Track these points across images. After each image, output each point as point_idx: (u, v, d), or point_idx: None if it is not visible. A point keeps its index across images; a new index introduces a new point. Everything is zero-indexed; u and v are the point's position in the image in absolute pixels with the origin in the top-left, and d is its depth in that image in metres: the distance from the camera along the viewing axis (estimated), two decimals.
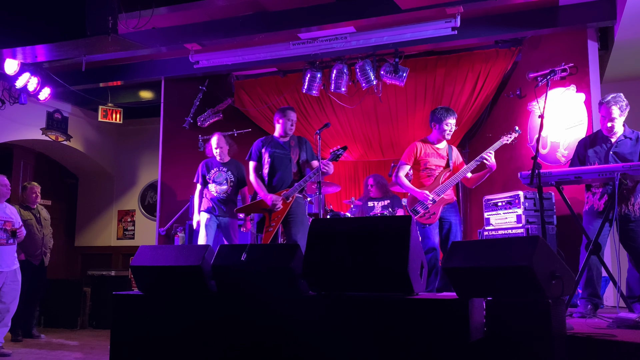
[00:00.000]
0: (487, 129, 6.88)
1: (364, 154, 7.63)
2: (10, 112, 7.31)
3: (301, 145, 5.00)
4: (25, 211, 6.31)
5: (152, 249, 3.59)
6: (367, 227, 3.09)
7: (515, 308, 2.63)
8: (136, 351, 3.43)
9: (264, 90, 7.41)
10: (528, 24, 5.83)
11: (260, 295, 3.19)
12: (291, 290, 3.13)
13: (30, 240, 6.14)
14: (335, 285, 3.03)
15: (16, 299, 5.61)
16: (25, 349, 5.79)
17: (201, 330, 3.27)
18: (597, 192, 4.13)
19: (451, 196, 4.76)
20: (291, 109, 5.06)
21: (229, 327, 3.21)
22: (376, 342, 2.81)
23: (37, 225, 6.37)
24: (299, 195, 4.89)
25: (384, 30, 6.13)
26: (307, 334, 3.00)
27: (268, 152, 4.93)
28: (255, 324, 3.15)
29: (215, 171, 5.68)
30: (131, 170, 9.26)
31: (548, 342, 2.52)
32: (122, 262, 8.80)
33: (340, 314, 2.94)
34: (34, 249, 6.28)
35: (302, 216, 4.87)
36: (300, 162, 4.97)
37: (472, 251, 2.80)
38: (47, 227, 6.55)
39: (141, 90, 8.13)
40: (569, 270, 2.75)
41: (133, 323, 3.47)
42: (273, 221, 4.76)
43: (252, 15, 5.94)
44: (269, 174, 4.91)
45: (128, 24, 5.06)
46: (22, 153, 8.39)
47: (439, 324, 2.68)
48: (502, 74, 6.53)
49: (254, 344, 3.12)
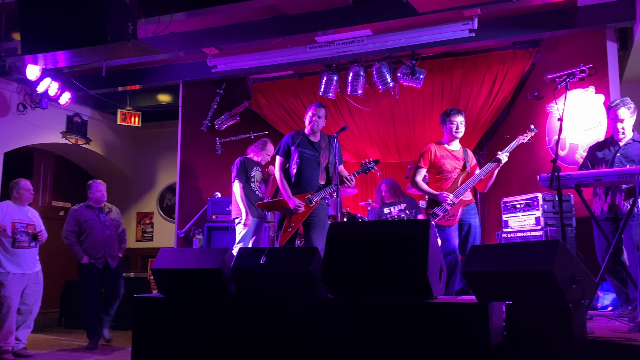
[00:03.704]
0: (504, 130, 6.84)
1: (380, 156, 7.62)
2: (31, 117, 7.43)
3: (331, 148, 4.91)
4: (87, 210, 6.12)
5: (173, 252, 3.63)
6: (385, 230, 3.10)
7: (535, 312, 2.62)
8: (157, 353, 3.47)
9: (281, 93, 7.44)
10: (546, 25, 5.80)
11: (279, 298, 3.22)
12: (310, 293, 3.14)
13: (90, 242, 6.01)
14: (354, 289, 3.04)
15: (38, 300, 5.71)
16: (47, 350, 5.88)
17: (221, 333, 3.30)
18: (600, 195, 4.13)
19: (470, 198, 4.75)
20: (320, 105, 4.94)
21: (248, 330, 3.24)
22: (395, 346, 2.82)
23: (99, 226, 6.09)
24: (322, 200, 4.90)
25: (401, 32, 6.13)
26: (326, 337, 3.02)
27: (298, 151, 4.84)
28: (274, 327, 3.17)
29: (255, 170, 5.77)
30: (149, 172, 9.35)
31: (568, 347, 2.51)
32: (141, 264, 8.89)
33: (358, 318, 2.95)
34: (94, 251, 6.01)
35: (324, 220, 4.85)
36: (329, 165, 4.91)
37: (492, 255, 2.79)
38: (112, 228, 6.21)
39: (159, 93, 8.22)
40: (589, 273, 2.73)
41: (154, 325, 3.51)
42: (293, 222, 4.75)
43: (270, 20, 5.98)
44: (295, 175, 4.84)
45: (147, 29, 5.11)
46: (43, 156, 8.51)
47: (458, 328, 2.68)
48: (520, 76, 6.49)
49: (273, 347, 3.15)
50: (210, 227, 6.76)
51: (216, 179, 7.24)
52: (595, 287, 3.48)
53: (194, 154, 7.51)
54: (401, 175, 6.76)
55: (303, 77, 7.36)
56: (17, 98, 7.26)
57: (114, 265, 6.10)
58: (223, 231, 6.56)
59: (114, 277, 6.13)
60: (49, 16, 4.60)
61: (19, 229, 5.49)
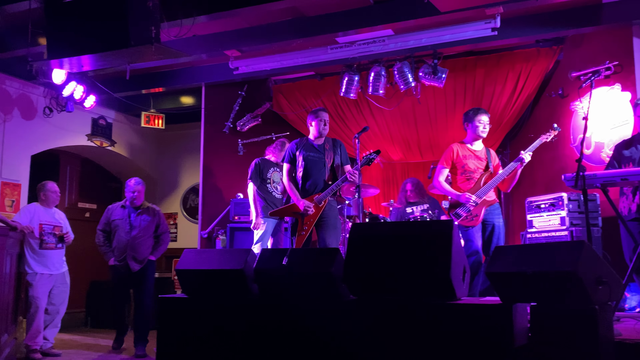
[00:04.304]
0: (528, 129, 6.77)
1: (402, 156, 7.60)
2: (57, 120, 7.55)
3: (336, 149, 5.00)
4: (119, 209, 5.83)
5: (196, 253, 3.67)
6: (408, 231, 3.09)
7: (560, 314, 2.59)
8: (182, 353, 3.50)
9: (302, 94, 7.46)
10: (570, 22, 5.72)
11: (301, 298, 3.23)
12: (332, 294, 3.14)
13: (115, 243, 5.75)
14: (377, 290, 3.03)
15: (65, 300, 5.81)
16: (73, 350, 5.98)
17: (244, 333, 3.32)
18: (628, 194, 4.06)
19: (493, 198, 4.71)
20: (322, 109, 5.09)
21: (270, 330, 3.25)
22: (418, 347, 2.81)
23: (125, 226, 5.73)
24: (332, 199, 4.92)
25: (423, 32, 6.10)
26: (348, 338, 3.02)
27: (302, 155, 4.95)
28: (297, 327, 3.18)
29: (272, 171, 5.80)
30: (173, 174, 9.44)
31: (595, 349, 2.47)
32: (165, 264, 8.97)
33: (381, 319, 2.94)
34: (118, 252, 5.71)
35: (335, 219, 4.89)
36: (335, 166, 4.97)
37: (516, 256, 2.76)
38: (141, 229, 5.74)
39: (182, 96, 8.31)
40: (616, 274, 2.69)
41: (179, 325, 3.55)
42: (305, 225, 4.80)
43: (290, 21, 6.00)
44: (302, 178, 4.93)
45: (170, 32, 5.17)
46: (69, 159, 8.65)
47: (482, 329, 2.66)
48: (544, 74, 6.42)
49: (295, 347, 3.16)
50: (232, 227, 6.81)
51: (238, 180, 7.28)
52: (622, 289, 3.43)
53: (217, 155, 7.57)
54: (423, 175, 6.73)
55: (324, 77, 7.37)
56: (44, 102, 7.39)
57: (135, 269, 5.66)
58: (245, 232, 6.58)
59: (137, 283, 5.76)
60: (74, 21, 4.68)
61: (46, 231, 5.58)
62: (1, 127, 6.96)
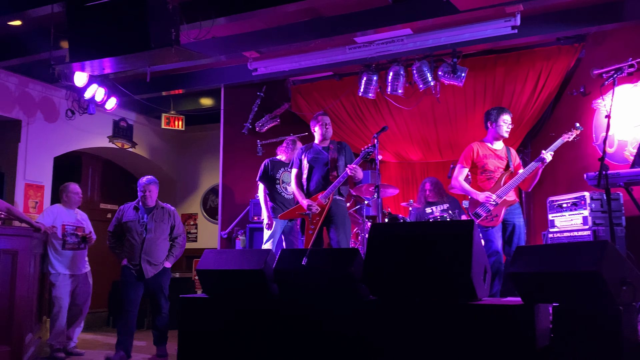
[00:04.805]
0: (550, 128, 6.69)
1: (422, 156, 7.56)
2: (79, 122, 7.65)
3: (341, 150, 5.12)
4: (131, 210, 5.47)
5: (216, 253, 3.69)
6: (428, 231, 3.08)
7: (583, 315, 2.55)
8: (202, 352, 3.53)
9: (320, 95, 7.46)
10: (592, 19, 5.64)
11: (321, 299, 3.23)
12: (351, 294, 3.14)
13: (128, 245, 5.37)
14: (396, 291, 3.02)
15: (88, 301, 5.88)
16: (95, 349, 6.05)
17: (264, 332, 3.33)
18: None
19: (514, 198, 4.66)
20: (322, 113, 5.29)
21: (290, 330, 3.26)
22: (438, 348, 2.79)
23: (137, 228, 5.35)
24: (338, 197, 4.99)
25: (442, 31, 6.07)
26: (368, 338, 3.01)
27: (307, 158, 5.12)
28: (316, 327, 3.18)
29: (282, 171, 5.82)
30: (193, 175, 9.52)
31: (619, 351, 2.44)
32: (186, 264, 9.04)
33: (401, 319, 2.94)
34: (131, 255, 5.32)
35: (343, 217, 4.97)
36: (338, 165, 5.04)
37: (538, 256, 2.74)
38: (155, 231, 5.38)
39: (202, 97, 8.38)
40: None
41: (199, 325, 3.58)
42: (312, 224, 4.91)
43: (308, 22, 6.00)
44: (307, 179, 5.09)
45: (189, 34, 5.21)
46: (90, 160, 8.77)
47: (503, 330, 2.64)
48: (565, 72, 6.33)
49: (314, 347, 3.16)
50: (252, 228, 6.85)
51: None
52: None
53: (236, 156, 7.61)
54: (443, 175, 6.68)
55: (342, 77, 7.36)
56: (66, 104, 7.49)
57: (149, 275, 5.29)
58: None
59: (152, 288, 5.39)
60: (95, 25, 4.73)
61: (68, 231, 5.65)
62: (25, 129, 7.08)
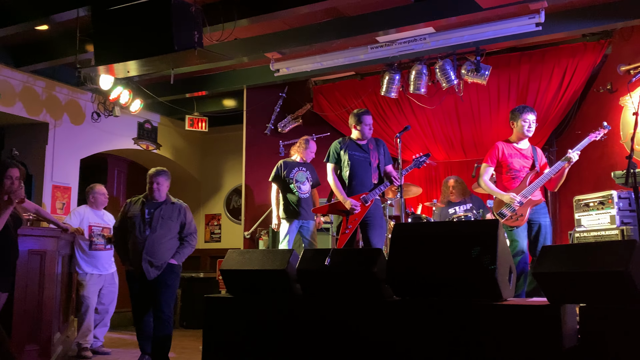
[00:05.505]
0: (576, 125, 6.60)
1: (445, 155, 7.50)
2: (105, 124, 7.77)
3: (379, 149, 5.03)
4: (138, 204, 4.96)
5: (240, 254, 3.72)
6: (452, 231, 3.05)
7: (611, 315, 2.51)
8: (227, 351, 3.55)
9: (342, 94, 7.46)
10: (618, 14, 5.53)
11: (344, 299, 3.23)
12: (375, 295, 3.13)
13: (130, 244, 4.80)
14: (420, 291, 3.00)
15: (114, 300, 5.96)
16: (121, 349, 6.13)
17: (287, 332, 3.34)
18: None
19: (539, 197, 4.61)
20: (366, 113, 5.05)
21: (313, 330, 3.26)
22: (463, 349, 2.77)
23: (140, 224, 4.75)
24: (377, 198, 4.93)
25: (464, 29, 6.00)
26: (392, 339, 3.00)
27: (348, 154, 4.95)
28: (340, 327, 3.18)
29: (296, 170, 5.80)
30: (216, 175, 9.58)
31: None
32: (210, 264, 9.11)
33: (425, 320, 2.92)
34: (132, 254, 4.77)
35: (380, 219, 4.91)
36: (380, 165, 4.99)
37: (564, 256, 2.70)
38: (159, 228, 4.74)
39: (225, 99, 8.44)
40: None
41: (223, 324, 3.60)
42: (350, 224, 4.81)
43: (330, 22, 6.00)
44: (349, 177, 4.92)
45: (212, 36, 5.26)
46: (116, 162, 8.88)
47: (529, 331, 2.60)
48: (591, 69, 6.23)
49: (338, 346, 3.16)
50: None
51: None
52: None
53: (259, 156, 7.64)
54: (467, 174, 6.62)
55: (364, 77, 7.36)
56: (92, 107, 7.61)
57: (151, 277, 4.64)
58: None
59: (153, 292, 4.70)
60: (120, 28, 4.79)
61: (95, 232, 5.74)
62: (52, 132, 7.20)
